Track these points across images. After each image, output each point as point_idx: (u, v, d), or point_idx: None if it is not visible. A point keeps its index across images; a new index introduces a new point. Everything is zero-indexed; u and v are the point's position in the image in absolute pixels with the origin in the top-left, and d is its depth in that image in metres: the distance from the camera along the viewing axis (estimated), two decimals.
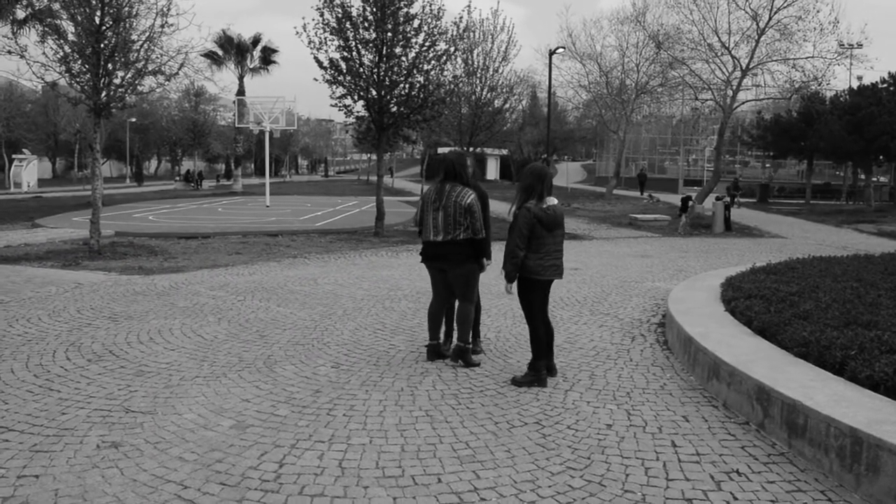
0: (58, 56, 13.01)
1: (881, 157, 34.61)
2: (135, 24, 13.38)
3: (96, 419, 4.74)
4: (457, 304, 6.30)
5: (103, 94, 13.29)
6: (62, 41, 13.01)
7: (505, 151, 63.29)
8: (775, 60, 25.83)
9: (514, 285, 5.73)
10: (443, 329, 6.50)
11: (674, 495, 3.80)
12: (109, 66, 13.20)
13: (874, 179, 39.64)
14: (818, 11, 25.49)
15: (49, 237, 16.50)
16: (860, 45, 29.58)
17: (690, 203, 22.99)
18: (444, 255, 6.10)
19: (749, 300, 6.84)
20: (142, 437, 4.46)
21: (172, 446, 4.32)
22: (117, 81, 13.46)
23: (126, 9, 13.11)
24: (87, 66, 13.09)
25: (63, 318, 7.71)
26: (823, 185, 44.53)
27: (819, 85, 27.43)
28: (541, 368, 5.71)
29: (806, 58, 25.39)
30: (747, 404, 4.90)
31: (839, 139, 31.80)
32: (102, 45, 12.97)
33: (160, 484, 3.82)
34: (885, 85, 33.25)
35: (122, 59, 13.30)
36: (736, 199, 23.32)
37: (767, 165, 53.23)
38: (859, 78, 40.74)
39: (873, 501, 3.72)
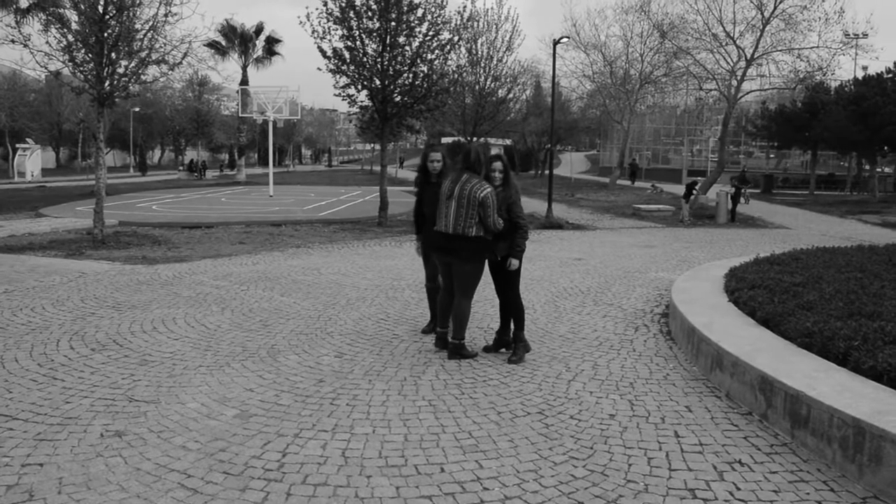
0: (61, 45, 12.99)
1: (886, 147, 34.50)
2: (138, 12, 13.37)
3: (100, 408, 4.76)
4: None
5: (107, 83, 13.28)
6: (65, 30, 12.98)
7: (509, 141, 63.16)
8: (780, 50, 25.71)
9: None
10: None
11: (676, 485, 3.81)
12: (113, 55, 13.18)
13: (878, 170, 39.52)
14: (824, 0, 25.37)
15: (53, 227, 16.52)
16: (865, 35, 29.39)
17: (695, 190, 22.74)
18: (453, 249, 5.92)
19: (753, 291, 6.82)
20: (145, 426, 4.48)
21: (176, 435, 4.34)
22: (121, 71, 13.44)
23: None
24: (90, 56, 13.07)
25: (67, 308, 7.73)
26: (828, 176, 44.34)
27: (824, 75, 27.30)
28: (524, 337, 6.16)
29: (811, 48, 25.28)
30: (750, 395, 4.90)
31: (844, 129, 31.69)
32: (106, 35, 12.95)
33: (164, 473, 3.84)
34: (890, 75, 33.08)
35: (126, 49, 13.28)
36: (743, 192, 22.62)
37: (772, 156, 53.04)
38: (864, 68, 40.60)
39: (876, 492, 3.72)
